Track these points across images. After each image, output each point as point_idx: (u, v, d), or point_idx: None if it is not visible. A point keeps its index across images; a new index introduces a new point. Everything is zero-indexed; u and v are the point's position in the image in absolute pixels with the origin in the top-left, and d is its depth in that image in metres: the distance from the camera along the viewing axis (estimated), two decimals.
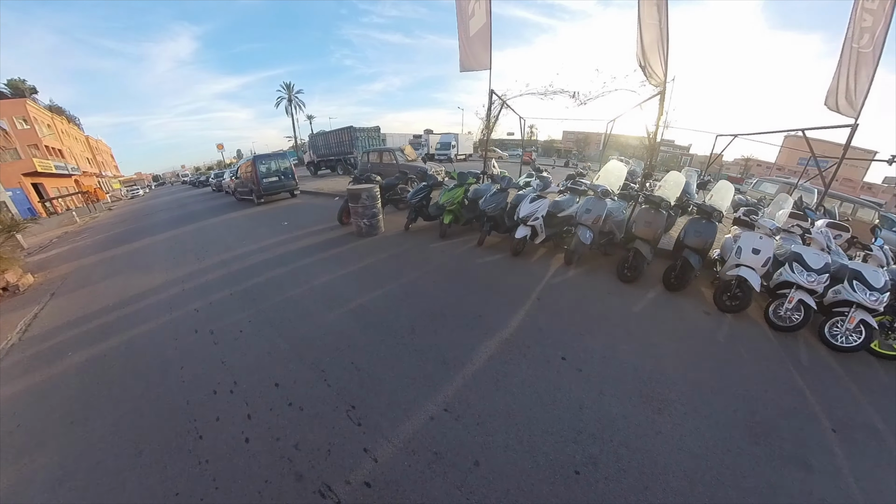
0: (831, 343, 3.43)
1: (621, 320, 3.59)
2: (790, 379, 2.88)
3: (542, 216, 5.28)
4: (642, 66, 6.22)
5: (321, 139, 20.14)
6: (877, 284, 3.32)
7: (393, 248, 5.76)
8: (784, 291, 3.68)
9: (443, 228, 6.07)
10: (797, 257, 3.67)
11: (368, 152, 12.00)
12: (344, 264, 5.22)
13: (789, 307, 3.57)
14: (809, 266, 3.57)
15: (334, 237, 6.60)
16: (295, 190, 11.87)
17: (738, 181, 19.62)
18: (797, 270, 3.60)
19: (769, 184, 11.81)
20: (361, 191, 6.04)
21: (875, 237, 4.72)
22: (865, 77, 4.97)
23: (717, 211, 4.34)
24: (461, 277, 4.78)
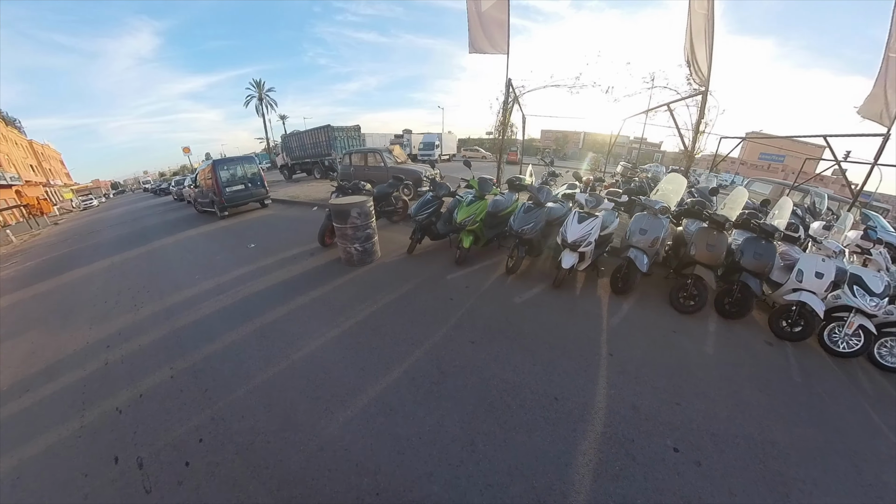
0: (831, 349, 3.39)
1: (702, 370, 3.01)
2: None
3: (595, 240, 4.02)
4: (688, 62, 5.45)
5: (295, 140, 18.19)
6: (876, 290, 3.27)
7: (398, 284, 4.31)
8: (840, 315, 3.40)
9: (461, 254, 4.68)
10: (857, 280, 3.39)
11: (350, 154, 10.32)
12: (334, 316, 3.73)
13: (849, 332, 3.31)
14: (872, 290, 3.28)
15: (317, 266, 5.07)
16: (265, 199, 10.12)
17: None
18: (859, 294, 3.31)
19: (761, 184, 11.43)
20: (350, 207, 4.52)
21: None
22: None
23: (778, 230, 3.77)
24: (505, 330, 3.46)
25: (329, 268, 4.95)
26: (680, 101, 5.85)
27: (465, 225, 4.43)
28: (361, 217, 4.56)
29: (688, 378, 2.85)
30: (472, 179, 4.93)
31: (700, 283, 3.90)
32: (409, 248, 5.13)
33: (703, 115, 5.33)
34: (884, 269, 3.52)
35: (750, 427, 2.42)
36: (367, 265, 4.84)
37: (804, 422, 2.52)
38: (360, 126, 17.56)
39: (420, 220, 4.77)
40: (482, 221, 4.55)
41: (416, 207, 4.83)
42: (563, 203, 4.83)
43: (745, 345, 3.43)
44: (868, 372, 3.17)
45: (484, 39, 5.74)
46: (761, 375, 3.00)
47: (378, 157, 9.47)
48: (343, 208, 4.52)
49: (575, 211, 4.22)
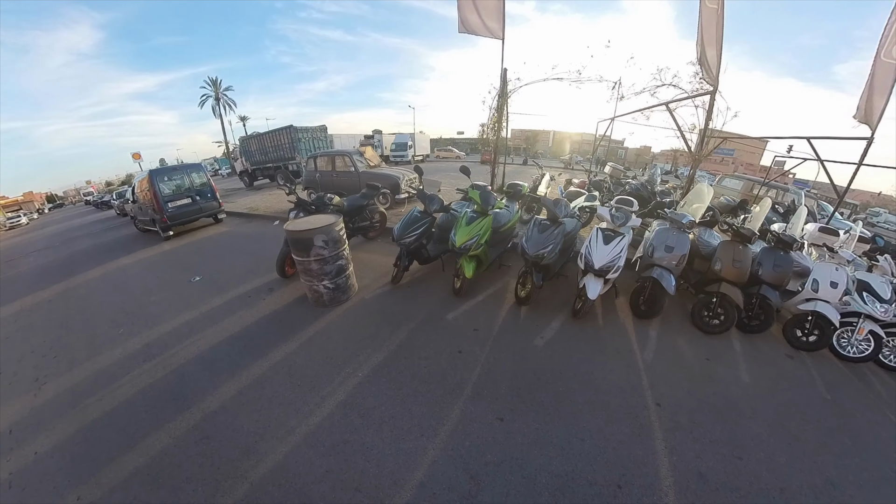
0: (841, 354, 3.42)
1: (746, 404, 2.77)
2: None
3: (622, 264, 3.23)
4: (699, 59, 5.04)
5: (254, 143, 16.39)
6: (885, 295, 3.29)
7: (386, 333, 3.30)
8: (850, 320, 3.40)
9: (462, 284, 3.73)
10: (866, 286, 3.41)
11: (315, 157, 8.98)
12: (304, 395, 2.68)
13: (859, 338, 3.36)
14: (881, 296, 3.30)
15: (276, 310, 3.91)
16: (219, 213, 8.68)
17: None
18: (868, 301, 3.33)
19: (732, 180, 11.36)
20: (314, 233, 3.39)
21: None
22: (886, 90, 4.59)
23: (796, 241, 3.65)
24: (536, 391, 2.68)
25: (293, 311, 3.83)
26: (681, 100, 5.29)
27: (466, 250, 3.46)
28: (329, 246, 3.46)
29: (738, 419, 2.61)
30: (471, 190, 3.93)
31: (726, 301, 3.53)
32: (394, 277, 4.10)
33: (710, 117, 4.84)
34: (889, 275, 3.55)
35: (808, 470, 2.28)
36: (341, 304, 3.77)
37: (849, 450, 2.46)
38: (326, 126, 16.14)
39: (407, 243, 3.76)
40: (487, 244, 3.61)
41: (400, 227, 3.80)
42: (577, 217, 3.99)
43: (772, 362, 3.34)
44: (879, 376, 3.27)
45: (477, 19, 4.88)
46: (797, 399, 2.92)
47: (347, 161, 8.25)
48: (303, 236, 3.38)
49: (597, 228, 3.38)
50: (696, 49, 5.02)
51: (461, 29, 5.14)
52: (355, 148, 9.22)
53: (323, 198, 4.53)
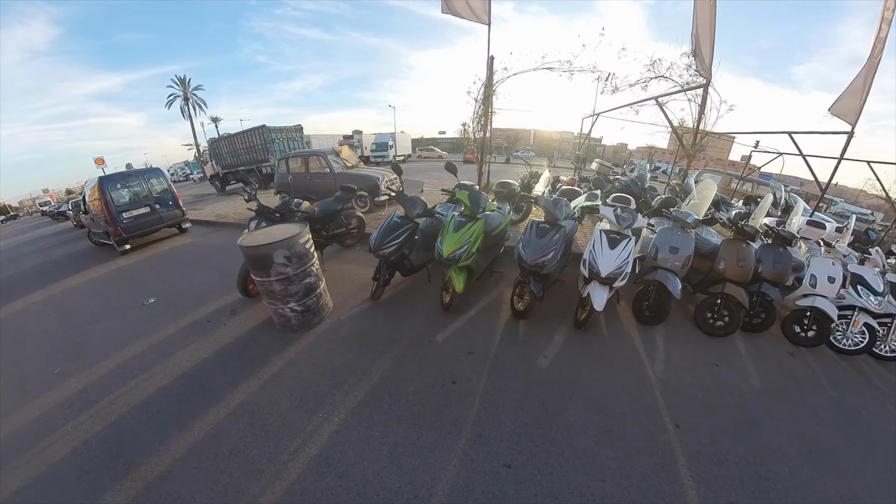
0: (837, 347, 3.43)
1: (763, 414, 2.62)
2: None
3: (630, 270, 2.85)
4: (694, 51, 4.93)
5: (225, 145, 15.33)
6: (878, 288, 3.31)
7: (366, 362, 2.81)
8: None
9: (451, 297, 3.26)
10: (860, 279, 3.41)
11: (287, 159, 8.27)
12: (269, 450, 2.17)
13: (854, 331, 3.38)
14: (874, 289, 3.31)
15: (239, 337, 3.34)
16: (183, 222, 7.89)
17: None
18: (863, 294, 3.33)
19: (710, 174, 11.42)
20: (273, 249, 2.84)
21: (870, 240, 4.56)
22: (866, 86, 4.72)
23: (794, 237, 3.57)
24: (545, 426, 2.32)
25: (257, 339, 3.27)
26: (673, 94, 5.05)
27: (455, 260, 3.00)
28: (294, 262, 2.92)
29: (757, 432, 2.48)
30: (458, 190, 3.45)
31: (730, 302, 3.38)
32: (374, 293, 3.59)
33: (704, 111, 4.64)
34: (881, 267, 3.56)
35: (831, 482, 2.19)
36: (313, 327, 3.24)
37: (863, 452, 2.42)
38: (301, 126, 15.26)
39: (386, 254, 3.26)
40: (479, 252, 3.15)
41: (378, 236, 3.29)
42: (577, 218, 3.59)
43: (777, 363, 3.29)
44: (874, 368, 3.33)
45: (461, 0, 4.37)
46: (808, 400, 2.88)
47: (322, 162, 7.60)
48: (261, 252, 2.81)
49: (600, 230, 2.99)
50: (690, 41, 4.86)
51: (444, 9, 4.69)
52: (332, 148, 8.55)
53: (289, 204, 3.94)
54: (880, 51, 4.77)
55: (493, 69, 5.35)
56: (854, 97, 4.86)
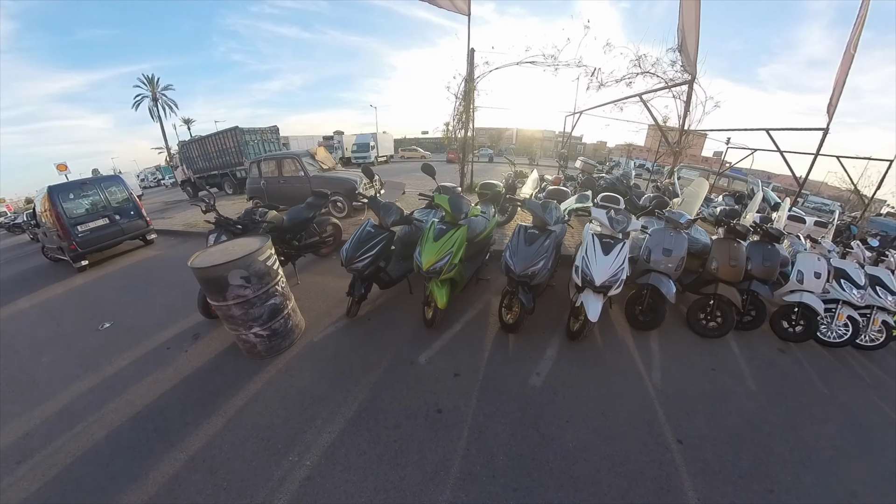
0: (821, 340, 3.48)
1: (761, 419, 2.56)
2: None
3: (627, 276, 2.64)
4: (680, 47, 4.91)
5: (196, 148, 14.50)
6: (860, 281, 3.36)
7: (342, 391, 2.49)
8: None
9: (434, 314, 2.97)
10: (843, 273, 3.46)
11: (259, 162, 7.74)
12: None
13: (838, 324, 3.46)
14: (857, 282, 3.37)
15: (202, 366, 2.96)
16: (148, 234, 7.30)
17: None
18: (846, 287, 3.39)
19: (687, 171, 12.01)
20: (228, 268, 2.48)
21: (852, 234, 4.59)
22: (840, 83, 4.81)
23: (782, 234, 3.58)
24: (542, 455, 2.10)
25: (221, 368, 2.90)
26: (658, 90, 4.92)
27: (436, 273, 2.70)
28: (254, 282, 2.56)
29: (758, 440, 2.42)
30: (437, 195, 3.15)
31: (724, 302, 3.32)
32: (349, 310, 3.26)
33: (689, 107, 4.55)
34: (861, 261, 3.62)
35: (832, 486, 2.17)
36: (283, 352, 2.91)
37: (857, 450, 2.44)
38: (277, 127, 14.59)
39: (360, 269, 2.94)
40: (462, 262, 2.86)
41: (350, 248, 2.95)
42: (567, 222, 3.36)
43: (769, 361, 3.27)
44: (857, 359, 3.43)
45: None
46: (802, 399, 2.89)
47: (296, 165, 7.14)
48: (214, 274, 2.43)
49: (591, 234, 2.76)
50: (676, 35, 4.71)
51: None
52: (306, 150, 8.07)
53: (253, 213, 3.55)
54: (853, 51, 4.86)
55: (473, 63, 5.06)
56: (834, 98, 4.92)
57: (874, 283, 3.46)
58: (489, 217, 3.57)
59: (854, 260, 3.62)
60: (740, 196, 7.80)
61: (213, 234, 3.45)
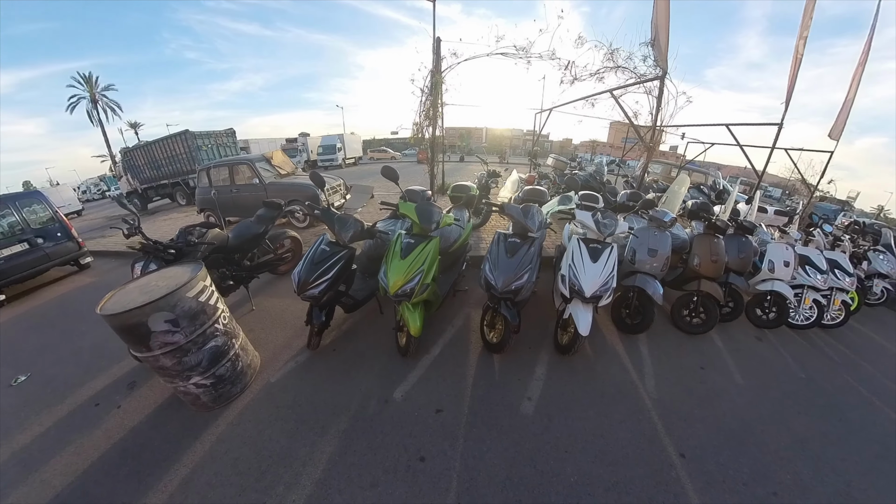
0: (792, 324, 3.65)
1: (754, 416, 2.53)
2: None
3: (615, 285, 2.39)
4: (653, 41, 4.72)
5: (141, 155, 13.02)
6: (822, 267, 3.54)
7: (303, 448, 2.06)
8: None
9: (408, 342, 2.58)
10: (807, 260, 3.59)
11: (209, 169, 6.86)
12: None
13: (805, 307, 3.62)
14: (820, 268, 3.54)
15: (135, 426, 2.40)
16: (81, 257, 6.35)
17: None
18: (811, 273, 3.54)
19: (653, 165, 11.86)
20: (147, 313, 1.93)
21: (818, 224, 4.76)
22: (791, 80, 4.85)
23: (755, 226, 3.69)
24: (536, 490, 1.90)
25: (162, 425, 2.37)
26: (629, 86, 4.78)
27: (407, 296, 2.31)
28: (185, 324, 2.07)
29: (755, 441, 2.37)
30: (402, 202, 2.75)
31: (707, 298, 3.31)
32: (310, 341, 2.78)
33: (661, 103, 4.45)
34: (823, 247, 3.80)
35: (828, 478, 2.15)
36: (234, 399, 2.44)
37: (841, 434, 2.48)
38: (233, 130, 13.42)
39: (315, 296, 2.46)
40: (435, 280, 2.49)
41: (302, 271, 2.46)
42: (550, 225, 3.08)
43: (750, 351, 3.35)
44: (823, 339, 3.64)
45: None
46: (785, 387, 2.93)
47: (251, 171, 6.44)
48: (129, 320, 1.93)
49: (578, 241, 2.49)
50: (650, 30, 4.61)
51: None
52: (261, 154, 7.31)
53: (189, 233, 2.99)
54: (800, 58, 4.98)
55: (440, 53, 4.66)
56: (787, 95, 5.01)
57: (832, 266, 3.67)
58: (464, 223, 3.23)
59: (815, 246, 3.79)
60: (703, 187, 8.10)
61: (139, 263, 2.87)
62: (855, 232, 5.00)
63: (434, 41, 4.44)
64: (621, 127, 8.28)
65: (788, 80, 4.94)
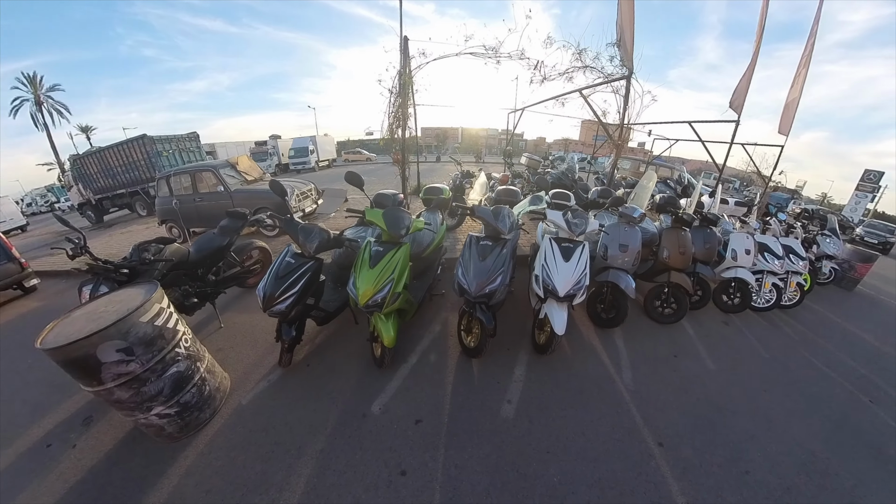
0: (754, 307, 3.95)
1: (725, 399, 2.67)
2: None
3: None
4: (619, 42, 4.89)
5: (94, 163, 11.98)
6: (779, 252, 3.81)
7: (278, 472, 1.96)
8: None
9: (383, 353, 2.51)
10: (766, 247, 3.84)
11: (168, 177, 6.47)
12: None
13: (765, 291, 3.92)
14: (777, 254, 3.81)
15: (93, 466, 2.20)
16: (26, 279, 5.82)
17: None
18: (769, 259, 3.79)
19: (622, 161, 12.87)
20: (96, 343, 1.75)
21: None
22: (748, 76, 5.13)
23: (719, 218, 3.91)
24: (521, 495, 1.92)
25: (124, 461, 2.19)
26: (597, 85, 4.92)
27: (378, 306, 2.25)
28: (140, 352, 1.92)
29: (727, 422, 2.48)
30: (369, 209, 2.65)
31: (677, 289, 3.48)
32: (282, 358, 2.64)
33: (628, 102, 4.63)
34: (779, 234, 4.07)
35: (794, 451, 2.29)
36: (203, 426, 2.30)
37: (802, 407, 2.66)
38: (197, 133, 12.66)
39: (282, 312, 2.34)
40: (407, 288, 2.43)
41: (267, 285, 2.33)
42: (522, 226, 3.09)
43: (718, 336, 3.54)
44: (782, 318, 3.98)
45: None
46: (751, 368, 3.09)
47: (215, 178, 6.11)
48: (75, 353, 1.76)
49: (551, 240, 2.50)
50: (616, 31, 4.77)
51: None
52: (225, 160, 6.95)
53: (144, 250, 2.77)
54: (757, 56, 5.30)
55: (408, 53, 4.57)
56: (740, 95, 5.31)
57: (787, 251, 3.96)
58: (436, 227, 3.19)
59: (771, 234, 4.05)
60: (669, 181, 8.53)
61: (87, 286, 2.63)
62: (805, 218, 5.42)
63: (401, 40, 4.35)
64: (592, 125, 8.60)
65: (743, 79, 5.22)
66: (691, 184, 7.05)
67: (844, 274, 5.30)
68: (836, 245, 4.85)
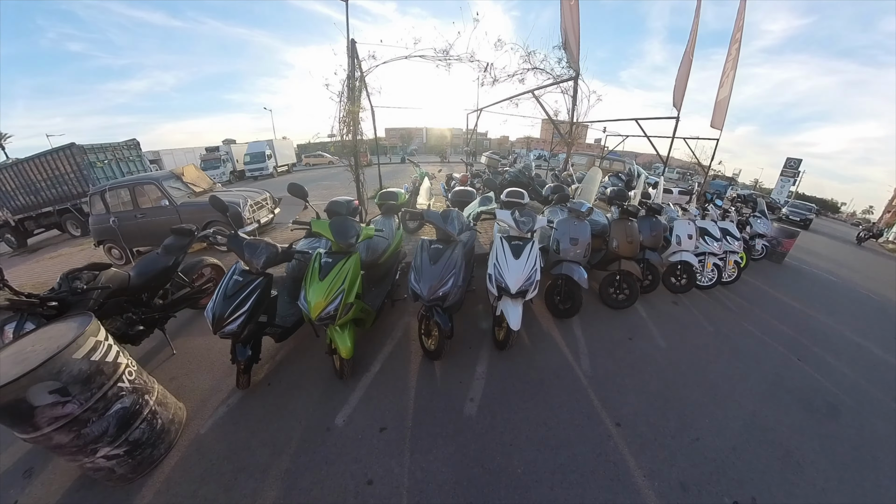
0: (699, 286, 4.43)
1: (677, 375, 2.94)
2: None
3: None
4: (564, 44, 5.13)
5: (11, 177, 10.62)
6: (717, 235, 4.29)
7: (244, 497, 1.92)
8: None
9: (342, 365, 2.54)
10: (706, 231, 4.29)
11: (103, 192, 5.90)
12: None
13: (707, 271, 4.40)
14: (715, 236, 4.28)
15: None
16: None
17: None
18: (709, 242, 4.26)
19: (577, 156, 13.89)
20: (25, 387, 1.62)
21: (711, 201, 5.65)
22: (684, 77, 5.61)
23: (662, 207, 4.33)
24: (486, 489, 1.98)
25: None
26: (547, 87, 5.18)
27: (330, 319, 2.26)
28: (78, 391, 1.81)
29: (678, 396, 2.71)
30: (315, 220, 2.63)
31: (628, 276, 3.80)
32: (239, 380, 2.58)
33: (576, 102, 5.00)
34: (716, 219, 4.59)
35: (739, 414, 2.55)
36: (158, 462, 2.20)
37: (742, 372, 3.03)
38: (137, 141, 11.63)
39: (234, 332, 2.27)
40: (360, 297, 2.47)
41: (215, 306, 2.25)
42: (474, 227, 3.18)
43: (668, 316, 3.88)
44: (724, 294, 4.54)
45: None
46: (697, 341, 3.44)
47: (158, 191, 5.73)
48: (6, 398, 1.62)
49: (501, 239, 2.63)
50: (560, 34, 4.90)
51: None
52: (169, 171, 6.51)
53: (75, 278, 2.58)
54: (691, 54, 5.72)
55: (356, 56, 4.51)
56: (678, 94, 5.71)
57: (724, 233, 4.45)
58: (391, 233, 3.22)
59: (710, 219, 4.53)
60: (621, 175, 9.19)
61: (10, 325, 2.42)
62: (740, 202, 6.08)
63: (348, 43, 4.29)
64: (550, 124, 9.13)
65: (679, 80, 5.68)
66: (640, 175, 7.63)
67: (774, 249, 5.99)
68: (765, 225, 5.45)
